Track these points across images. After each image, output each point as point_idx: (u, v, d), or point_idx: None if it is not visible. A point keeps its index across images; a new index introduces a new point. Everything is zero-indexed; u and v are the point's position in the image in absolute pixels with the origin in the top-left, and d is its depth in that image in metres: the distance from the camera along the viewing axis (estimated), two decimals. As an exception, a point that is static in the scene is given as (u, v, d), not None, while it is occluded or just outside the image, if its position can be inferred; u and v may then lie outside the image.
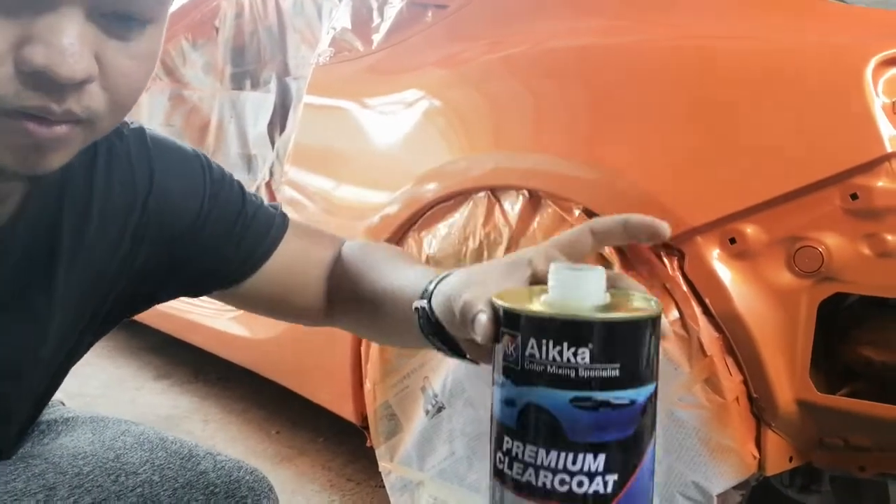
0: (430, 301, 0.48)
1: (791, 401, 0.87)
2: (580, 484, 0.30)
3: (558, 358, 0.30)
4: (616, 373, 0.30)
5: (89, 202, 0.57)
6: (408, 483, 1.22)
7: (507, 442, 0.32)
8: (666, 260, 0.90)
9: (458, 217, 1.13)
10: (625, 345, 0.30)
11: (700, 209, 0.88)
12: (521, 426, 0.32)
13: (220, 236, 0.62)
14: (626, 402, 0.30)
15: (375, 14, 1.47)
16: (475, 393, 1.12)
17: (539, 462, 0.31)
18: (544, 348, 0.30)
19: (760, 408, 0.88)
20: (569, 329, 0.30)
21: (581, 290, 0.32)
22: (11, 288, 0.56)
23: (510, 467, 0.32)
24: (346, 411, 1.37)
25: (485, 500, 1.13)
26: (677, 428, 0.90)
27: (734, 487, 0.91)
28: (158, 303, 0.66)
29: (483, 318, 0.36)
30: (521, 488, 0.32)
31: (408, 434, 1.22)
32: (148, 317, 1.93)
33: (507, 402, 0.32)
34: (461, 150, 1.17)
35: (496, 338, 0.34)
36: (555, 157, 1.04)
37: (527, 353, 0.31)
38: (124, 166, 0.59)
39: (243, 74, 2.09)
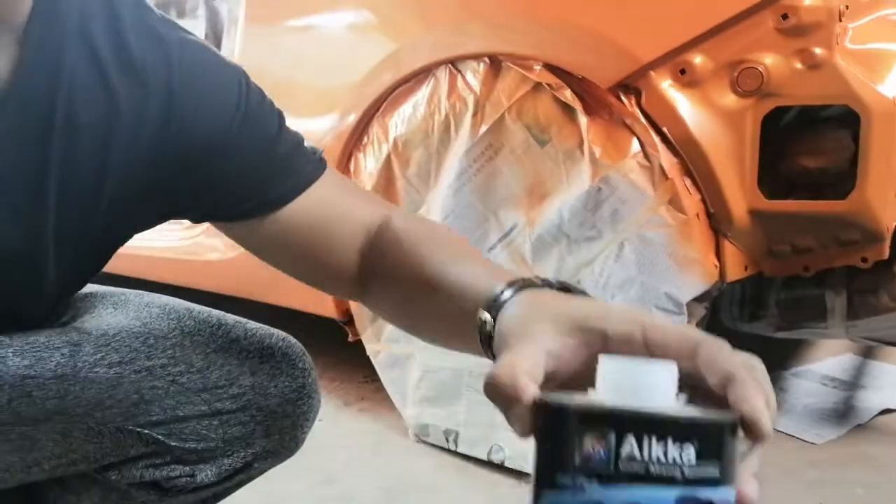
0: (495, 319, 0.40)
1: (744, 212, 0.98)
2: None
3: (663, 458, 0.30)
4: (717, 472, 0.30)
5: (89, 95, 0.50)
6: (397, 358, 1.28)
7: None
8: (625, 99, 0.98)
9: (420, 96, 1.18)
10: (725, 444, 0.31)
11: (651, 45, 0.96)
12: None
13: (246, 162, 0.57)
14: (727, 500, 0.31)
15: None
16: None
17: None
18: (646, 448, 0.30)
19: (718, 221, 0.99)
20: (674, 428, 0.30)
21: (659, 388, 0.32)
22: None
23: None
24: (328, 310, 1.41)
25: (478, 361, 1.20)
26: (647, 247, 0.99)
27: (697, 300, 1.02)
28: (167, 220, 0.62)
29: (523, 414, 0.32)
30: None
31: (392, 313, 1.28)
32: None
33: None
34: (393, 44, 1.20)
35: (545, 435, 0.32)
36: (506, 19, 1.10)
37: (624, 454, 0.30)
38: (136, 68, 0.52)
39: (167, 4, 2.04)
